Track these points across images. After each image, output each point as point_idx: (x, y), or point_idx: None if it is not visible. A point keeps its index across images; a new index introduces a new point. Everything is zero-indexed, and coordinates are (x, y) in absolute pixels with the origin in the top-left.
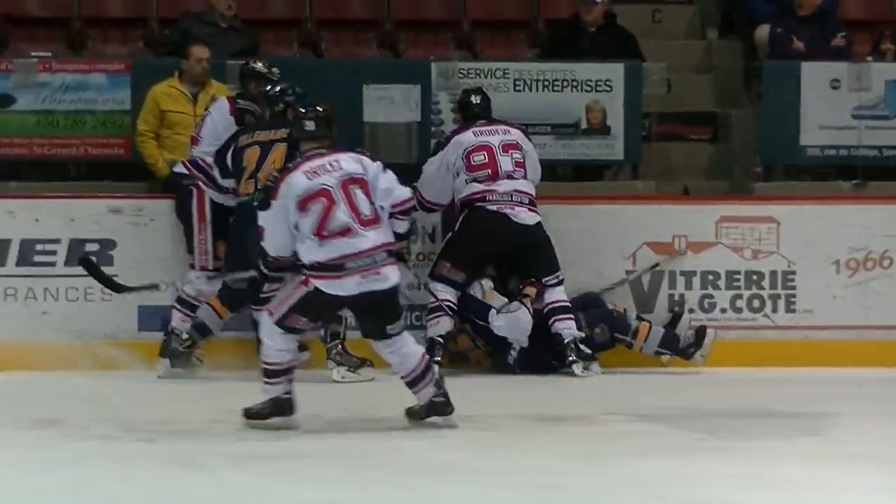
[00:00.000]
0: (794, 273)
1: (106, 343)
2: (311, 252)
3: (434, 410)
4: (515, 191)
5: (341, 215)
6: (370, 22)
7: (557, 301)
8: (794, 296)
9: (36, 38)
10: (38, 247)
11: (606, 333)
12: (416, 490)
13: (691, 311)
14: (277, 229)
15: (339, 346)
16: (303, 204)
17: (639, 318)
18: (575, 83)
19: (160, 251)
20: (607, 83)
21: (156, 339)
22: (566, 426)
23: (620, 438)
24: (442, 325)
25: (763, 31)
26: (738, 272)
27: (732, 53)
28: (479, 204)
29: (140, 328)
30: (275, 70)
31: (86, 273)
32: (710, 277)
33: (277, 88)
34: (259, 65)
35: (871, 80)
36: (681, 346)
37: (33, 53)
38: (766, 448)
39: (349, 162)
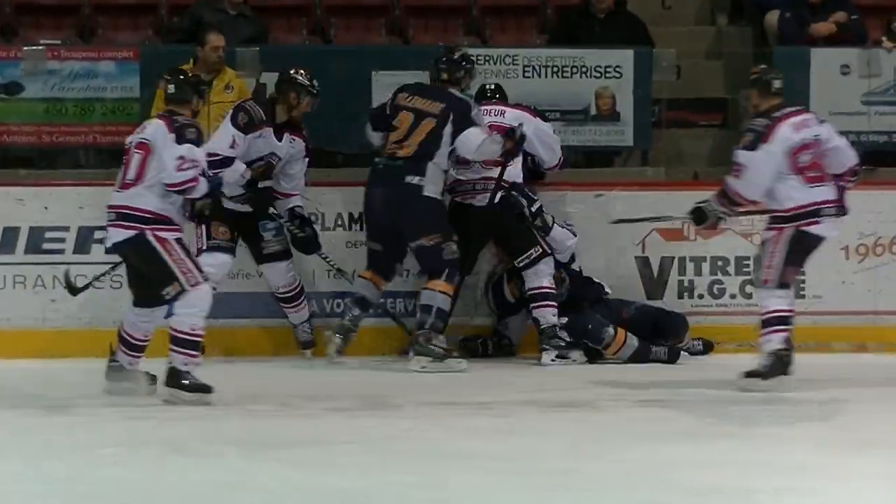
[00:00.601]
0: None
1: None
2: None
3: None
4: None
5: None
6: (380, 8)
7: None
8: (803, 281)
9: (44, 25)
10: (48, 234)
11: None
12: (428, 476)
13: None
14: None
15: (426, 336)
16: None
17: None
18: (584, 69)
19: None
20: (617, 69)
21: (164, 326)
22: (575, 412)
23: (629, 424)
24: None
25: (773, 17)
26: (748, 258)
27: (742, 39)
28: None
29: None
30: (315, 82)
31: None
32: (720, 263)
33: (460, 52)
34: (301, 75)
35: (880, 65)
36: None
37: (42, 41)
38: (775, 434)
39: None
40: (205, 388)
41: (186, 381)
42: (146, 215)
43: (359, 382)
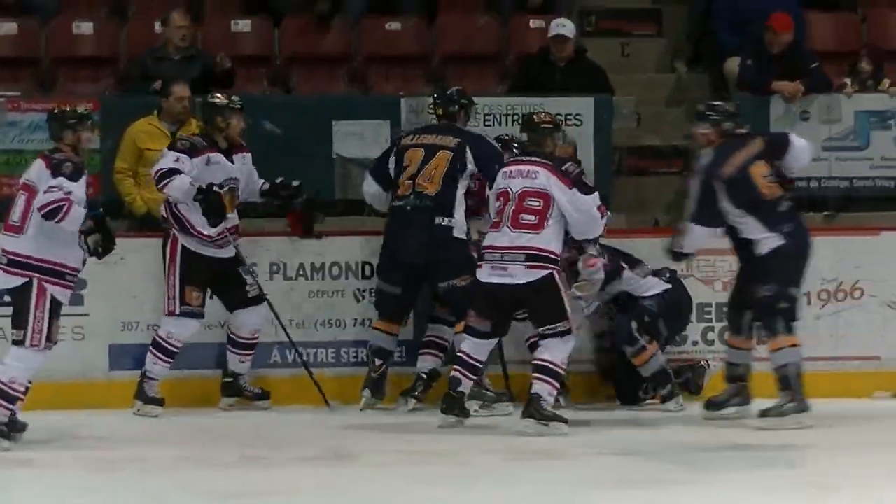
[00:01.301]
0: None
1: (76, 382)
2: None
3: None
4: None
5: None
6: (340, 58)
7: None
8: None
9: (4, 77)
10: None
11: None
12: None
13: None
14: None
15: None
16: None
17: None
18: None
19: (131, 289)
20: (577, 117)
21: (128, 378)
22: (538, 459)
23: (591, 471)
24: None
25: (732, 64)
26: (710, 304)
27: (702, 86)
28: None
29: (111, 367)
30: (235, 98)
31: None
32: None
33: (454, 89)
34: (218, 97)
35: (841, 111)
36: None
37: (1, 93)
38: (738, 480)
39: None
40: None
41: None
42: (39, 263)
43: (321, 432)
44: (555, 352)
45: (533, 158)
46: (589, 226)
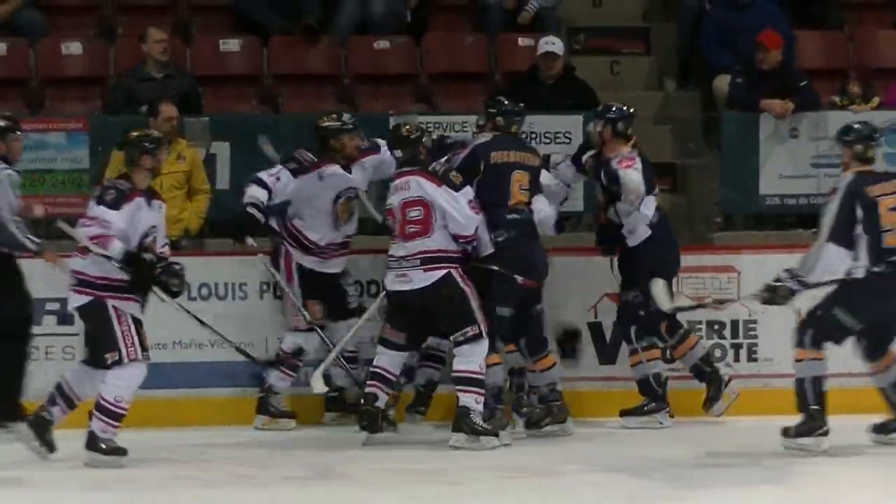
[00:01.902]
0: (755, 322)
1: None
2: None
3: None
4: None
5: None
6: (329, 77)
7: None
8: (755, 345)
9: None
10: None
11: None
12: None
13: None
14: None
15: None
16: None
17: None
18: (534, 135)
19: None
20: (566, 135)
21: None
22: (525, 477)
23: (578, 489)
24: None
25: (721, 82)
26: (700, 322)
27: (691, 104)
28: None
29: None
30: (346, 117)
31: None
32: None
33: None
34: (328, 120)
35: (829, 128)
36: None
37: None
38: (727, 497)
39: None
40: (120, 451)
41: (104, 446)
42: (106, 282)
43: (311, 450)
44: (469, 359)
45: (405, 169)
46: (462, 222)
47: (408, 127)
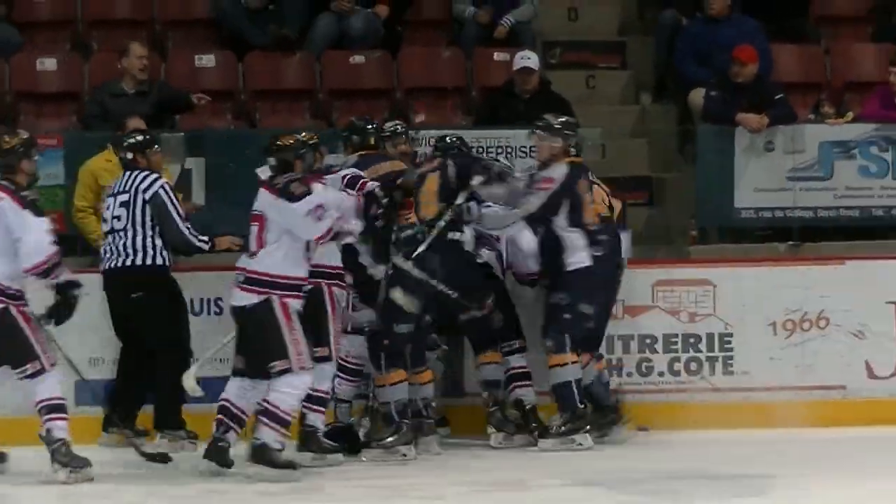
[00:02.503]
0: (731, 335)
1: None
2: None
3: None
4: None
5: None
6: (304, 92)
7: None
8: (731, 358)
9: None
10: None
11: None
12: None
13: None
14: None
15: (499, 412)
16: None
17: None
18: (510, 149)
19: (98, 325)
20: None
21: (93, 414)
22: (504, 492)
23: (556, 503)
24: None
25: (697, 95)
26: (676, 335)
27: (667, 117)
28: None
29: (77, 402)
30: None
31: None
32: (648, 341)
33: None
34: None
35: (804, 141)
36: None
37: None
38: None
39: None
40: (291, 465)
41: (274, 459)
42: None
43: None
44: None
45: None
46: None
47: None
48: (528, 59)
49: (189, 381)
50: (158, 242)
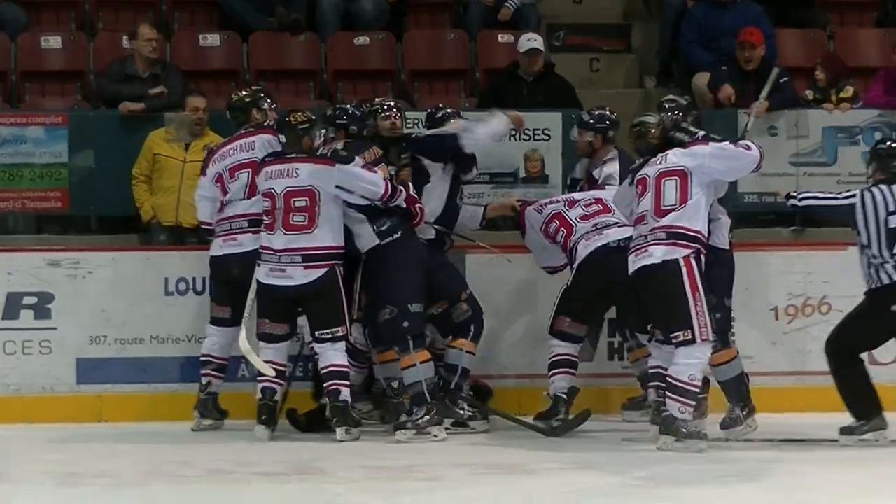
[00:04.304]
0: (733, 320)
1: (44, 396)
2: None
3: None
4: None
5: None
6: (308, 72)
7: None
8: (733, 342)
9: None
10: None
11: None
12: None
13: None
14: None
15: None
16: None
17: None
18: (513, 132)
19: (99, 303)
20: (545, 132)
21: (95, 392)
22: (504, 474)
23: (557, 486)
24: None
25: (701, 79)
26: None
27: None
28: None
29: (79, 381)
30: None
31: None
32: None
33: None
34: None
35: (808, 127)
36: None
37: None
38: (707, 495)
39: None
40: (700, 435)
41: (684, 430)
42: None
43: (286, 447)
44: (333, 359)
45: (292, 156)
46: (367, 189)
47: (300, 115)
48: (534, 40)
49: (244, 344)
50: None
